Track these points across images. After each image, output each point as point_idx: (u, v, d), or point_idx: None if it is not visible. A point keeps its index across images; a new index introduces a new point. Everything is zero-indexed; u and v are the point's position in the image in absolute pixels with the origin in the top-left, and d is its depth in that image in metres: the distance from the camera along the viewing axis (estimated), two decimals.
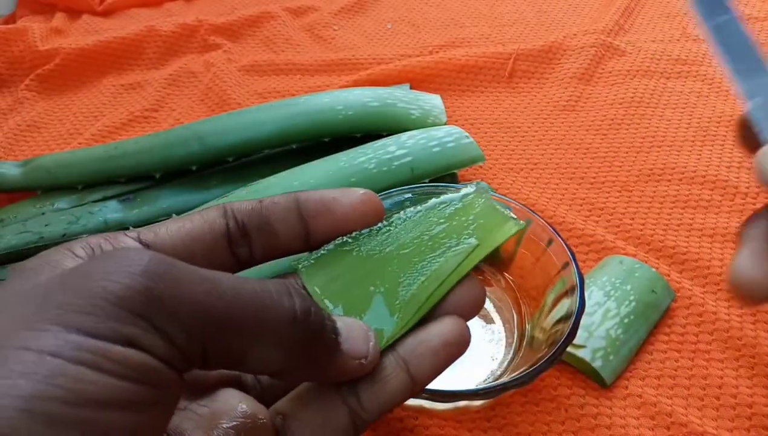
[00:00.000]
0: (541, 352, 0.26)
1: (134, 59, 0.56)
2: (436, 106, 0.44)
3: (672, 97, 0.50)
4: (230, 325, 0.13)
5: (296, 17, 0.62)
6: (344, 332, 0.15)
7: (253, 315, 0.13)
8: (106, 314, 0.12)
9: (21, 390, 0.10)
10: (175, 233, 0.16)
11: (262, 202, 0.18)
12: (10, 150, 0.47)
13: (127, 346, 0.12)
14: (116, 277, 0.12)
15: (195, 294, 0.13)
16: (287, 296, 0.14)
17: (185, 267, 0.13)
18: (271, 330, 0.13)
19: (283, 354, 0.14)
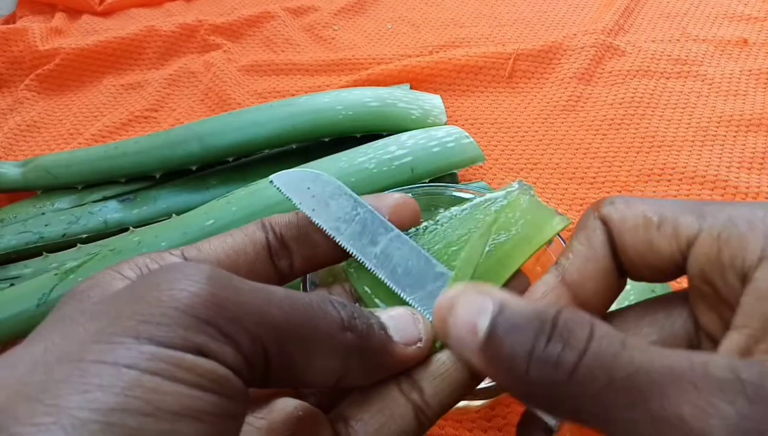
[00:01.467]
0: None
1: (134, 59, 0.56)
2: (436, 106, 0.44)
3: (672, 97, 0.50)
4: (289, 333, 0.13)
5: (296, 17, 0.62)
6: (391, 323, 0.15)
7: (308, 324, 0.13)
8: (176, 323, 0.12)
9: (100, 403, 0.10)
10: (218, 248, 0.17)
11: (299, 214, 0.18)
12: (10, 150, 0.47)
13: (198, 354, 0.12)
14: (182, 285, 0.12)
15: (255, 302, 0.13)
16: (330, 305, 0.14)
17: (241, 279, 0.13)
18: (324, 337, 0.14)
19: (338, 361, 0.14)
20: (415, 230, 0.18)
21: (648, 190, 0.41)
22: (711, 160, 0.44)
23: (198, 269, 0.13)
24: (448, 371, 0.16)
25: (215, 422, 0.12)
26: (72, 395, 0.10)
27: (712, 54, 0.55)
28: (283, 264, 0.17)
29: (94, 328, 0.12)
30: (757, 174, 0.42)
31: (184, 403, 0.11)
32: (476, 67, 0.52)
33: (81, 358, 0.11)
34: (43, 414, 0.10)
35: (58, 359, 0.11)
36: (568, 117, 0.48)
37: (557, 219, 0.19)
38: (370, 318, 0.15)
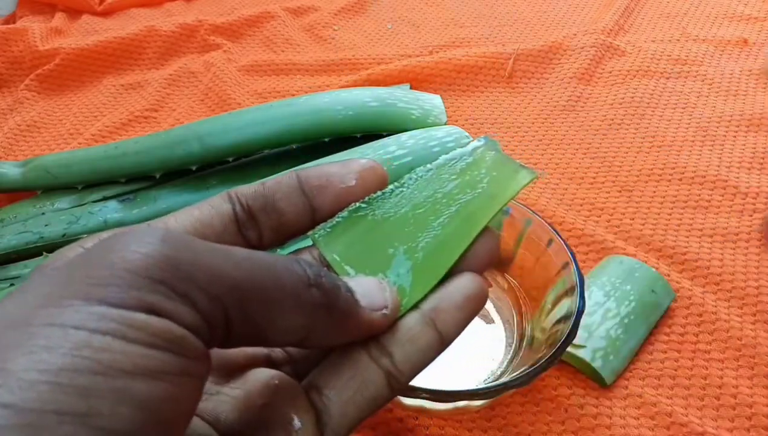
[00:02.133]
0: (541, 352, 0.26)
1: (134, 59, 0.56)
2: (436, 106, 0.44)
3: (672, 97, 0.50)
4: (250, 291, 0.13)
5: (296, 17, 0.62)
6: (358, 288, 0.15)
7: (270, 282, 0.13)
8: (128, 284, 0.11)
9: (47, 364, 0.10)
10: (184, 221, 0.17)
11: (265, 184, 0.18)
12: (9, 150, 0.47)
13: (151, 314, 0.12)
14: (134, 247, 0.12)
15: (213, 262, 0.13)
16: (296, 263, 0.14)
17: (198, 240, 0.13)
18: (289, 295, 0.14)
19: (304, 318, 0.14)
20: (381, 193, 0.18)
21: (648, 190, 0.41)
22: (711, 160, 0.44)
23: (151, 231, 0.12)
24: (417, 336, 0.16)
25: (172, 381, 0.11)
26: (18, 357, 0.10)
27: (712, 54, 0.55)
28: (251, 236, 0.17)
29: (44, 292, 0.12)
30: (757, 174, 0.42)
31: (137, 362, 0.11)
32: (476, 67, 0.52)
33: (29, 322, 0.11)
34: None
35: (5, 325, 0.11)
36: (568, 117, 0.48)
37: (523, 173, 0.18)
38: (337, 280, 0.15)
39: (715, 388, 0.30)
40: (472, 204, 0.18)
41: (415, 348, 0.16)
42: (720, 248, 0.37)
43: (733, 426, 0.28)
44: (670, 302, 0.33)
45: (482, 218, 0.17)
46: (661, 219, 0.39)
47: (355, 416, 0.15)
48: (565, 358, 0.30)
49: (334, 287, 0.15)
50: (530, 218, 0.30)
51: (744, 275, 0.35)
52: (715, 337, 0.32)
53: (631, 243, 0.37)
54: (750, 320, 0.33)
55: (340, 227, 0.18)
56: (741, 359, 0.31)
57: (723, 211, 0.40)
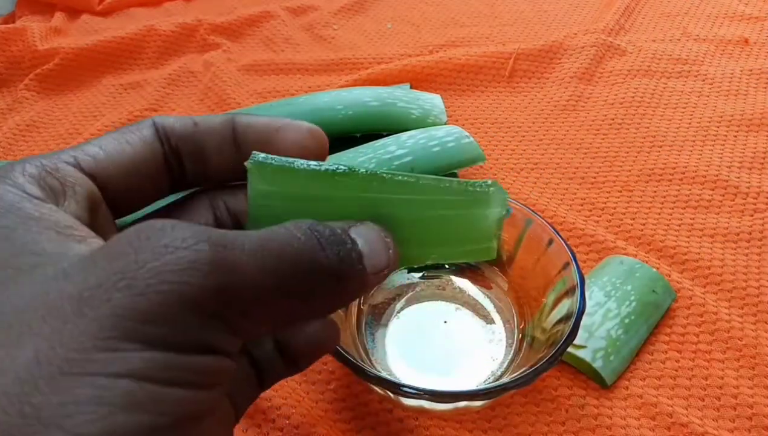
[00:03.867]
0: (541, 352, 0.26)
1: (134, 59, 0.56)
2: (437, 106, 0.44)
3: (672, 97, 0.50)
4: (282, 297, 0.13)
5: (296, 17, 0.62)
6: (365, 249, 0.15)
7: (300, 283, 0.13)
8: (186, 323, 0.11)
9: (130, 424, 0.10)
10: (117, 160, 0.15)
11: (198, 126, 0.16)
12: (9, 150, 0.47)
13: (207, 353, 0.11)
14: (187, 276, 0.11)
15: (253, 278, 0.12)
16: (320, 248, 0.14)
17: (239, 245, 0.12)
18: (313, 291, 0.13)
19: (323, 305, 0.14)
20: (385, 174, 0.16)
21: (648, 190, 0.41)
22: (712, 159, 0.43)
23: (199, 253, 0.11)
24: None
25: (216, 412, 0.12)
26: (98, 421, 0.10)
27: (713, 54, 0.55)
28: (175, 172, 0.17)
29: (93, 326, 0.11)
30: (758, 174, 0.42)
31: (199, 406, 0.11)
32: (476, 67, 0.52)
33: (90, 371, 0.10)
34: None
35: (63, 372, 0.10)
36: (569, 117, 0.48)
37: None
38: (352, 250, 0.14)
39: (715, 388, 0.30)
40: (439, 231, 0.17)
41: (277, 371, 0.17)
42: (721, 248, 0.37)
43: (734, 426, 0.28)
44: (670, 303, 0.33)
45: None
46: (661, 219, 0.39)
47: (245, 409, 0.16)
48: (565, 358, 0.30)
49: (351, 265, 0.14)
50: (531, 218, 0.30)
51: (745, 275, 0.35)
52: (716, 337, 0.32)
53: (631, 243, 0.37)
54: (751, 320, 0.33)
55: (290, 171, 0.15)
56: (742, 360, 0.31)
57: (724, 211, 0.39)
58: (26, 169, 0.14)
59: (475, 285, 0.32)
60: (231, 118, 0.17)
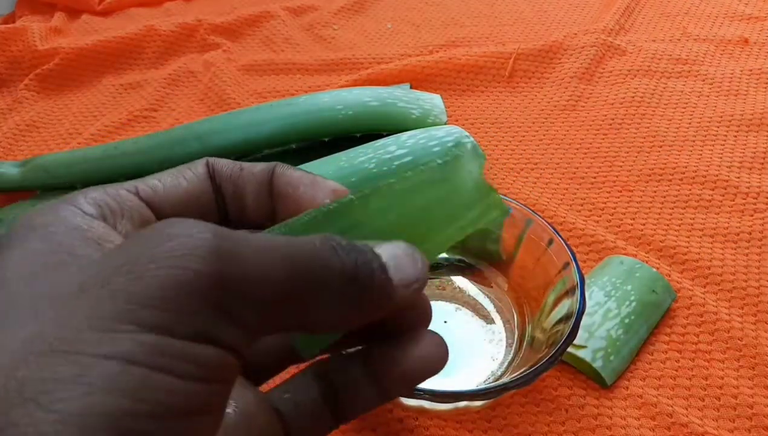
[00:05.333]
0: (541, 352, 0.26)
1: (133, 59, 0.56)
2: (437, 106, 0.44)
3: (672, 97, 0.50)
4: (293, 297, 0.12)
5: (296, 17, 0.62)
6: (391, 262, 0.14)
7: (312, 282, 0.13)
8: (182, 308, 0.11)
9: (107, 407, 0.10)
10: (172, 192, 0.16)
11: (242, 171, 0.17)
12: (9, 150, 0.47)
13: (207, 343, 0.11)
14: (186, 262, 0.11)
15: (261, 270, 0.12)
16: (335, 252, 0.13)
17: (243, 239, 0.12)
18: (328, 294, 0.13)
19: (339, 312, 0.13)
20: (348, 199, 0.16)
21: (648, 190, 0.41)
22: (712, 159, 0.43)
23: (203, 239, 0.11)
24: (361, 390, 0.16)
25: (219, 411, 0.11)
26: (75, 399, 0.10)
27: (712, 53, 0.55)
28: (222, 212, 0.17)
29: (89, 308, 0.11)
30: (758, 174, 0.42)
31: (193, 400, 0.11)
32: (476, 67, 0.52)
33: (79, 349, 0.10)
34: (45, 422, 0.09)
35: (52, 348, 0.10)
36: (569, 117, 0.48)
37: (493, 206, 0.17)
38: (373, 261, 0.14)
39: (715, 388, 0.30)
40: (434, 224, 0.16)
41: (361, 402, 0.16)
42: (721, 247, 0.37)
43: (734, 426, 0.28)
44: (670, 303, 0.33)
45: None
46: (661, 219, 0.39)
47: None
48: (565, 358, 0.30)
49: (369, 273, 0.14)
50: (531, 218, 0.30)
51: (745, 275, 0.35)
52: (716, 337, 0.32)
53: (631, 243, 0.37)
54: (751, 320, 0.33)
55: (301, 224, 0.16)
56: (742, 360, 0.31)
57: (724, 211, 0.39)
58: (89, 194, 0.15)
59: (475, 285, 0.32)
60: (272, 166, 0.17)
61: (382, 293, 0.14)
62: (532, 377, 0.24)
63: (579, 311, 0.25)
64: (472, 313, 0.31)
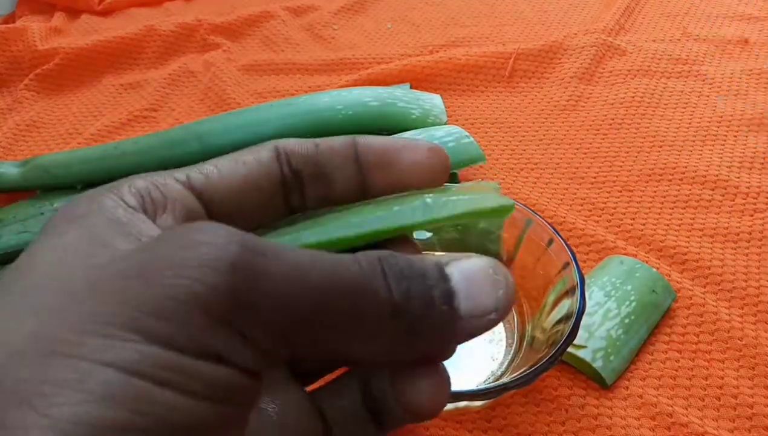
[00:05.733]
0: (541, 352, 0.26)
1: (134, 59, 0.56)
2: (437, 106, 0.44)
3: (672, 97, 0.50)
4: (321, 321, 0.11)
5: (296, 16, 0.62)
6: (462, 286, 0.12)
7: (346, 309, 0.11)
8: (190, 323, 0.10)
9: (103, 418, 0.09)
10: (228, 179, 0.15)
11: (319, 147, 0.16)
12: (9, 150, 0.47)
13: (214, 361, 0.10)
14: (202, 273, 0.10)
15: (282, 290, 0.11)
16: (380, 279, 0.12)
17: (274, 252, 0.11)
18: (370, 324, 0.11)
19: (387, 346, 0.12)
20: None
21: (648, 190, 0.41)
22: (712, 160, 0.43)
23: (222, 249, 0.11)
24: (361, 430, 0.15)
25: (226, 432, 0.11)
26: (71, 405, 0.09)
27: (713, 54, 0.55)
28: (294, 199, 0.16)
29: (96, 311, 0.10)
30: (758, 174, 0.42)
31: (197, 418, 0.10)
32: (476, 67, 0.52)
33: (81, 354, 0.10)
34: (37, 428, 0.09)
35: (53, 350, 0.10)
36: (569, 117, 0.48)
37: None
38: (432, 287, 0.12)
39: (715, 388, 0.30)
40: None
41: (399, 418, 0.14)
42: (721, 248, 0.37)
43: (734, 426, 0.28)
44: (670, 303, 0.33)
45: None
46: (661, 219, 0.39)
47: None
48: (565, 358, 0.30)
49: (426, 304, 0.12)
50: (531, 218, 0.30)
51: (745, 275, 0.35)
52: (716, 337, 0.32)
53: (631, 243, 0.37)
54: (751, 320, 0.33)
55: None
56: (742, 360, 0.31)
57: (724, 211, 0.39)
58: (134, 183, 0.14)
59: None
60: (352, 138, 0.16)
61: (441, 328, 0.12)
62: (532, 377, 0.24)
63: (579, 311, 0.25)
64: None
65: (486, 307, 0.12)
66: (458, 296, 0.12)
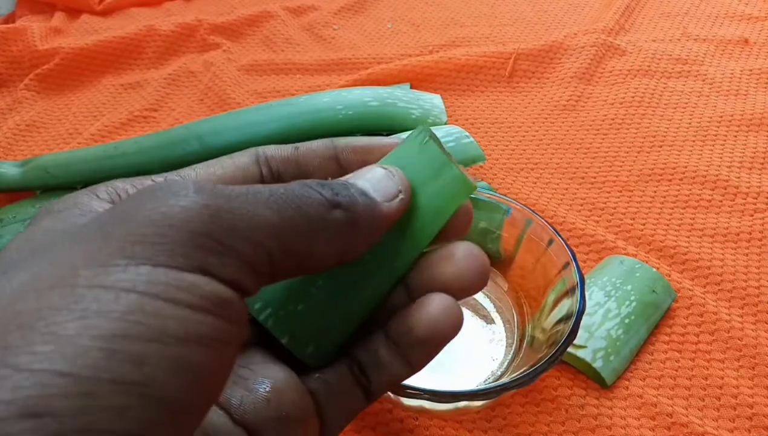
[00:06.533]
0: (541, 352, 0.26)
1: (133, 59, 0.56)
2: (437, 106, 0.44)
3: (672, 97, 0.50)
4: (284, 228, 0.13)
5: (296, 16, 0.62)
6: (368, 185, 0.15)
7: (298, 215, 0.13)
8: (173, 241, 0.11)
9: (100, 329, 0.10)
10: (204, 179, 0.16)
11: (299, 149, 0.17)
12: (9, 150, 0.47)
13: (199, 273, 0.11)
14: (171, 201, 0.11)
15: (247, 206, 0.12)
16: (310, 189, 0.14)
17: (229, 188, 0.13)
18: (317, 222, 0.13)
19: (337, 239, 0.14)
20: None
21: (648, 190, 0.41)
22: (712, 160, 0.43)
23: (183, 184, 0.12)
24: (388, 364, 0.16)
25: (218, 348, 0.11)
26: (69, 321, 0.10)
27: (713, 54, 0.55)
28: None
29: (84, 251, 0.11)
30: (758, 174, 0.42)
31: (188, 328, 0.10)
32: (476, 67, 0.52)
33: (74, 283, 0.10)
34: (40, 342, 0.09)
35: (49, 285, 0.10)
36: (569, 117, 0.48)
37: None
38: (350, 188, 0.14)
39: (715, 388, 0.30)
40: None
41: (387, 374, 0.16)
42: (721, 248, 0.37)
43: (733, 426, 0.28)
44: (670, 303, 0.33)
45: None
46: (661, 219, 0.39)
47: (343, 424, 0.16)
48: (565, 358, 0.30)
49: (351, 198, 0.14)
50: (531, 218, 0.30)
51: (745, 275, 0.35)
52: (716, 337, 0.32)
53: (631, 243, 0.37)
54: (751, 320, 0.33)
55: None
56: (742, 360, 0.31)
57: (724, 211, 0.39)
58: (112, 183, 0.15)
59: None
60: (330, 140, 0.18)
61: (369, 211, 0.14)
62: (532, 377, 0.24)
63: (579, 311, 0.25)
64: (472, 313, 0.31)
65: (392, 190, 0.15)
66: (369, 190, 0.15)
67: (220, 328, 0.11)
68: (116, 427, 0.09)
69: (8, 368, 0.09)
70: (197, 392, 0.11)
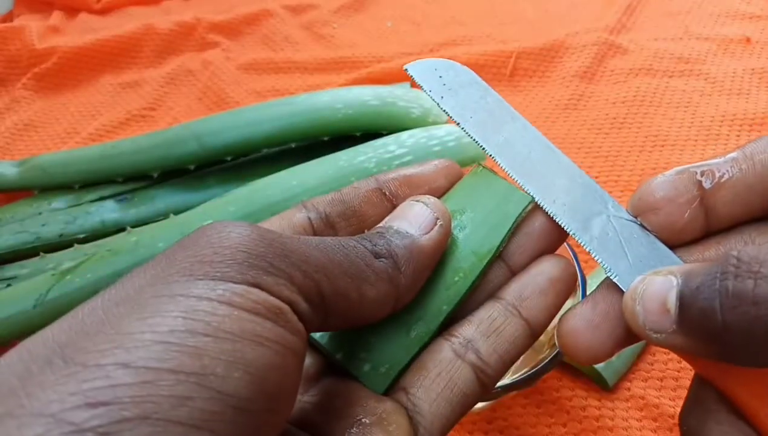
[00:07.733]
0: (543, 353, 0.25)
1: (132, 58, 0.56)
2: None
3: (674, 96, 0.50)
4: (334, 269, 0.13)
5: (295, 15, 0.62)
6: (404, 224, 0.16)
7: (346, 260, 0.14)
8: (229, 259, 0.12)
9: (160, 325, 0.10)
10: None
11: (342, 191, 0.18)
12: (6, 149, 0.47)
13: (252, 286, 0.12)
14: (229, 229, 0.13)
15: (297, 245, 0.13)
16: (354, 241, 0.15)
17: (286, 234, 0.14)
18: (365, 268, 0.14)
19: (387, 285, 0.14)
20: None
21: None
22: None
23: (240, 222, 0.13)
24: (502, 326, 0.16)
25: (276, 350, 0.11)
26: (132, 322, 0.10)
27: (715, 52, 0.55)
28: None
29: (150, 274, 0.12)
30: None
31: (244, 326, 0.11)
32: (477, 66, 0.52)
33: (139, 298, 0.11)
34: (105, 342, 0.10)
35: (116, 302, 0.11)
36: (570, 116, 0.48)
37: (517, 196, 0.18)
38: (385, 234, 0.15)
39: None
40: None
41: (502, 339, 0.16)
42: None
43: None
44: None
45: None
46: None
47: (447, 413, 0.15)
48: (567, 359, 0.30)
49: (388, 243, 0.15)
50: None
51: None
52: None
53: None
54: None
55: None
56: None
57: None
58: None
59: None
60: (371, 177, 0.19)
61: (408, 250, 0.15)
62: (534, 378, 0.24)
63: None
64: None
65: (428, 221, 0.16)
66: (404, 228, 0.16)
67: (274, 330, 0.12)
68: (177, 415, 0.10)
69: (78, 366, 0.10)
70: (258, 392, 0.11)
